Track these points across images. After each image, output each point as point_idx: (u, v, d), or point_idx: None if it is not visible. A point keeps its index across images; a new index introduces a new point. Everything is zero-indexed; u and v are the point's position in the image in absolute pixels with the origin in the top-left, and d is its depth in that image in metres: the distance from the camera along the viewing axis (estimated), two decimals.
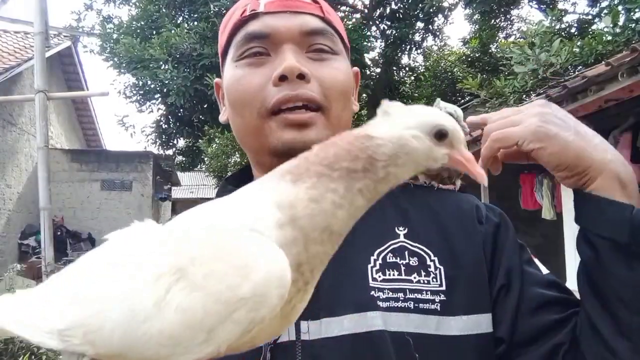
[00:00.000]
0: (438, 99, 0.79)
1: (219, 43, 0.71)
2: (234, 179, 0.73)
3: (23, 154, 10.46)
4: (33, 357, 3.38)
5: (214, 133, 11.29)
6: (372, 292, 0.59)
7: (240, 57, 0.65)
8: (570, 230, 4.83)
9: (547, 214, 6.02)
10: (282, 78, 0.61)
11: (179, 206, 18.45)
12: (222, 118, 0.73)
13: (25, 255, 9.67)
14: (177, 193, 18.70)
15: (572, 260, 4.78)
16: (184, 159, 11.55)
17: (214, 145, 13.17)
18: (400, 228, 0.65)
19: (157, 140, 10.06)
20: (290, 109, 0.61)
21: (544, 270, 0.71)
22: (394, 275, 0.61)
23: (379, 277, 0.61)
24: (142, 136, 10.44)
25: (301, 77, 0.61)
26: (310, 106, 0.62)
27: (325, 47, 0.65)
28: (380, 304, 0.59)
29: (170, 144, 10.32)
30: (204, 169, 14.94)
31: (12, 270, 4.65)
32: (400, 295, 0.60)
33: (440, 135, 0.41)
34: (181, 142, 10.66)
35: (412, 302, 0.60)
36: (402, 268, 0.62)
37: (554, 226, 5.98)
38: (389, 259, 0.62)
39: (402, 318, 0.58)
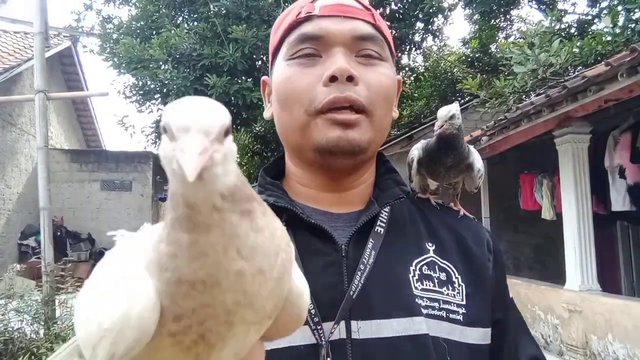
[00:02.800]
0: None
1: (271, 42, 0.73)
2: (270, 170, 0.75)
3: (23, 154, 10.46)
4: (33, 357, 3.37)
5: None
6: (416, 299, 0.64)
7: (292, 56, 0.67)
8: (570, 230, 4.83)
9: (547, 214, 6.02)
10: (332, 79, 0.63)
11: None
12: (266, 114, 0.76)
13: (25, 255, 9.67)
14: None
15: (572, 260, 4.78)
16: None
17: None
18: (430, 244, 0.71)
19: (157, 140, 10.05)
20: (337, 109, 0.63)
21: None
22: (429, 286, 0.67)
23: (419, 286, 0.66)
24: (142, 136, 10.45)
25: (350, 79, 0.63)
26: (356, 108, 0.64)
27: (373, 53, 0.67)
28: (422, 310, 0.64)
29: None
30: None
31: (12, 271, 4.65)
32: (436, 304, 0.65)
33: (165, 131, 0.34)
34: None
35: (445, 312, 0.65)
36: (436, 280, 0.67)
37: (554, 226, 5.98)
38: (424, 270, 0.68)
39: (437, 325, 0.64)
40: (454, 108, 0.81)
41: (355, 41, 0.66)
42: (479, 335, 0.66)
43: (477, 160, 0.84)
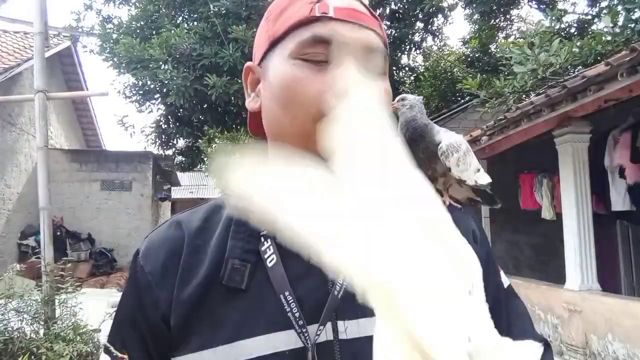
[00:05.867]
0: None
1: (270, 29, 0.68)
2: None
3: (23, 154, 10.46)
4: (33, 357, 3.37)
5: (214, 133, 11.29)
6: None
7: (302, 57, 0.64)
8: (570, 230, 4.83)
9: (547, 214, 6.02)
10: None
11: (179, 206, 18.45)
12: (253, 105, 0.72)
13: (24, 255, 9.67)
14: (177, 193, 18.70)
15: (572, 260, 4.78)
16: (183, 159, 11.56)
17: (214, 145, 13.16)
18: None
19: (157, 140, 10.07)
20: None
21: (505, 282, 0.76)
22: None
23: None
24: (142, 136, 10.47)
25: None
26: None
27: (379, 68, 0.66)
28: None
29: (170, 144, 10.33)
30: (203, 169, 14.95)
31: (12, 270, 4.63)
32: None
33: None
34: (181, 142, 10.66)
35: None
36: None
37: (553, 226, 5.98)
38: None
39: None
40: (408, 94, 0.84)
41: (366, 53, 0.64)
42: None
43: (445, 139, 0.83)
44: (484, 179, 0.88)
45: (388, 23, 9.57)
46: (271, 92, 0.67)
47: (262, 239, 0.63)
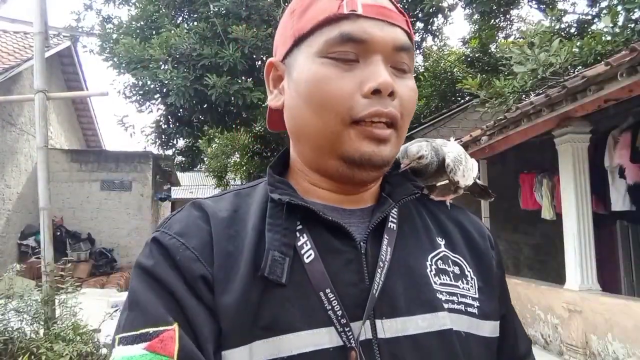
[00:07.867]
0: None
1: (294, 26, 0.66)
2: (276, 167, 0.72)
3: (23, 154, 10.46)
4: (33, 357, 3.37)
5: (214, 133, 11.29)
6: (437, 294, 0.64)
7: (330, 55, 0.62)
8: (570, 230, 4.83)
9: (547, 214, 6.03)
10: (375, 92, 0.60)
11: (179, 206, 18.41)
12: (275, 103, 0.70)
13: (24, 255, 9.67)
14: (176, 193, 18.69)
15: (572, 260, 4.78)
16: (183, 159, 11.54)
17: (214, 146, 13.17)
18: (439, 238, 0.71)
19: (157, 140, 10.05)
20: (373, 122, 0.61)
21: None
22: (447, 280, 0.66)
23: (437, 280, 0.66)
24: (142, 136, 10.47)
25: (391, 94, 0.61)
26: (390, 123, 0.62)
27: (406, 65, 0.65)
28: (444, 304, 0.64)
29: (170, 144, 10.31)
30: (203, 169, 14.96)
31: (12, 271, 4.64)
32: (455, 298, 0.65)
33: None
34: (181, 142, 10.65)
35: (463, 306, 0.66)
36: (451, 274, 0.67)
37: (553, 226, 5.98)
38: (440, 265, 0.67)
39: (458, 318, 0.64)
40: (423, 148, 0.78)
41: (394, 52, 0.63)
42: (491, 329, 0.68)
43: (449, 154, 0.79)
44: (475, 171, 0.88)
45: None
46: (297, 90, 0.65)
47: (298, 234, 0.62)
